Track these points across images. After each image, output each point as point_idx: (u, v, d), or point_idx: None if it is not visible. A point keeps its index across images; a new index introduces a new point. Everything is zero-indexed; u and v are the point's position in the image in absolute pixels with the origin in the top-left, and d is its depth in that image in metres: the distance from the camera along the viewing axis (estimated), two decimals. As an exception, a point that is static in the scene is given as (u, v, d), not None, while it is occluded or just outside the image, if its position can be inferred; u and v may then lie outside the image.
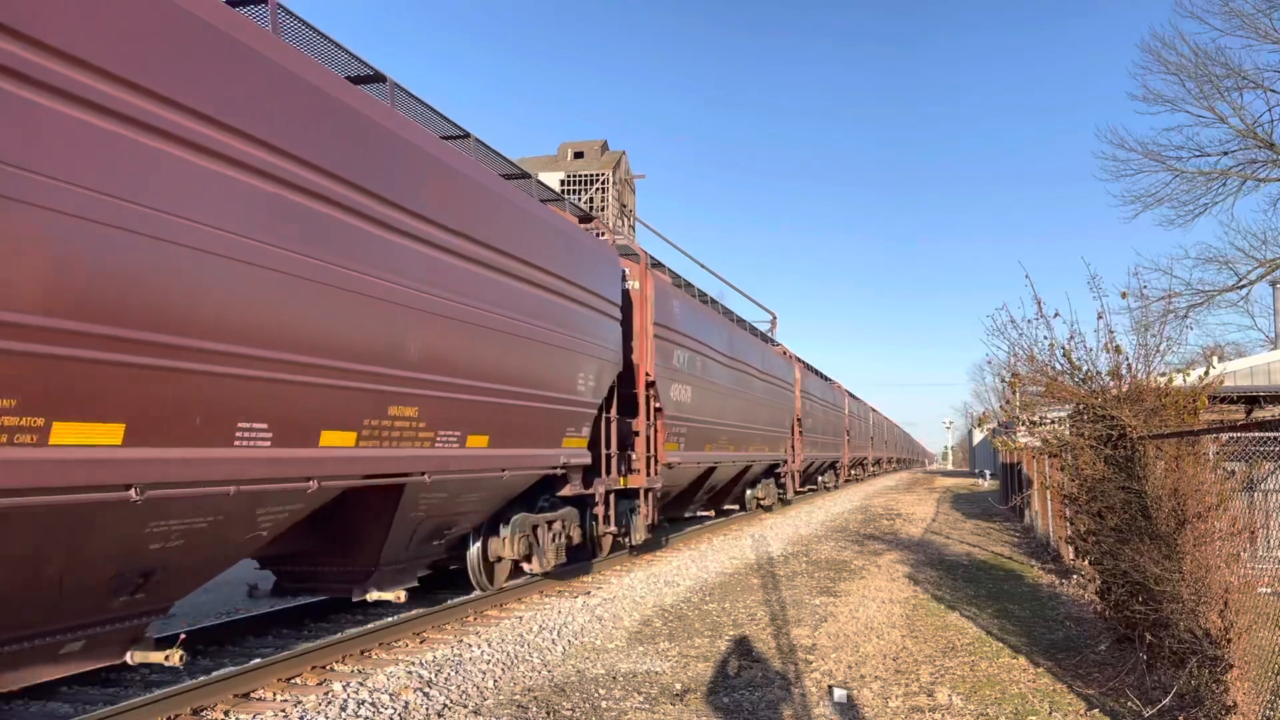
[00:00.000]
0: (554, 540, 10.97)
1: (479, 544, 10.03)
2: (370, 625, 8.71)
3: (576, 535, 11.65)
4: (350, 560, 8.22)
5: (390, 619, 9.03)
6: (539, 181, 11.42)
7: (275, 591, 8.84)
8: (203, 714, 6.18)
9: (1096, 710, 6.39)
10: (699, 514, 23.19)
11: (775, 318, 34.60)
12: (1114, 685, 6.85)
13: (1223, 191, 28.66)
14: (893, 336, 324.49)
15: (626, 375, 12.94)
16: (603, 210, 38.76)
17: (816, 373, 35.53)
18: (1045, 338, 8.22)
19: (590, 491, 11.79)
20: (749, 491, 24.30)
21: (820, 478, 36.88)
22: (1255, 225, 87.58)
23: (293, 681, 7.04)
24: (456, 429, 8.33)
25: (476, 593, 10.36)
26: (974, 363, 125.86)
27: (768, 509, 25.64)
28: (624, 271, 13.23)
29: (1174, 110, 29.11)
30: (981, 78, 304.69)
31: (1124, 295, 8.09)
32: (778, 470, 25.89)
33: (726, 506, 23.73)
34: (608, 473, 12.27)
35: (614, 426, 12.47)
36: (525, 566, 10.69)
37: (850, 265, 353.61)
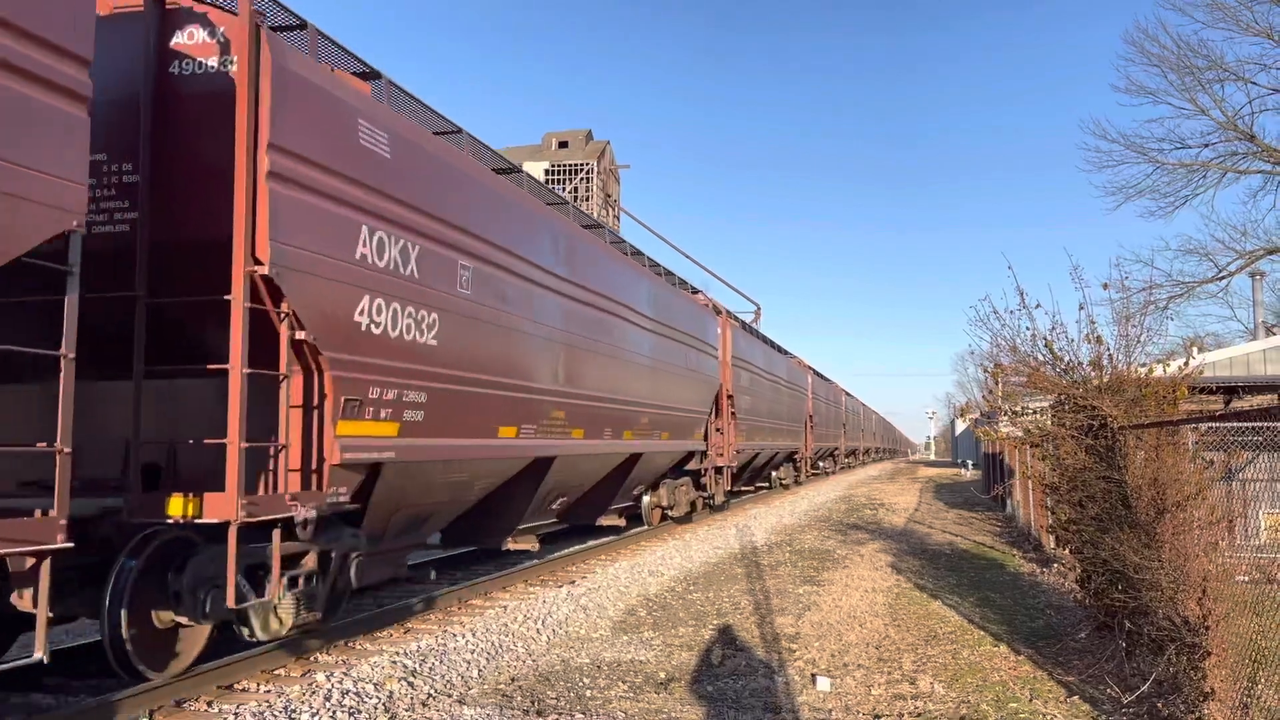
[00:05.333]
0: (684, 497, 17.72)
1: (647, 497, 16.79)
2: (351, 617, 8.69)
3: (693, 494, 18.38)
4: (598, 501, 14.20)
5: (373, 609, 9.02)
6: (681, 279, 18.64)
7: (560, 519, 13.39)
8: (185, 705, 6.15)
9: (1076, 697, 6.46)
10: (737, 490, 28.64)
11: (759, 309, 34.69)
12: (1094, 672, 6.92)
13: (1203, 183, 28.77)
14: (876, 326, 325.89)
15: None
16: (587, 200, 38.62)
17: (822, 377, 41.35)
18: (1027, 328, 8.28)
19: (702, 467, 18.55)
20: (774, 473, 31.05)
21: (822, 464, 42.76)
22: (1235, 217, 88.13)
23: (276, 673, 7.02)
24: (659, 429, 15.12)
25: (637, 528, 16.90)
26: (957, 353, 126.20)
27: (786, 487, 32.42)
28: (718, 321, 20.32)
29: (1156, 102, 29.29)
30: (966, 68, 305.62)
31: (1105, 286, 8.16)
32: (795, 457, 32.68)
33: (758, 484, 30.58)
34: (709, 456, 18.75)
35: (714, 426, 19.05)
36: (669, 513, 17.46)
37: (834, 255, 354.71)
